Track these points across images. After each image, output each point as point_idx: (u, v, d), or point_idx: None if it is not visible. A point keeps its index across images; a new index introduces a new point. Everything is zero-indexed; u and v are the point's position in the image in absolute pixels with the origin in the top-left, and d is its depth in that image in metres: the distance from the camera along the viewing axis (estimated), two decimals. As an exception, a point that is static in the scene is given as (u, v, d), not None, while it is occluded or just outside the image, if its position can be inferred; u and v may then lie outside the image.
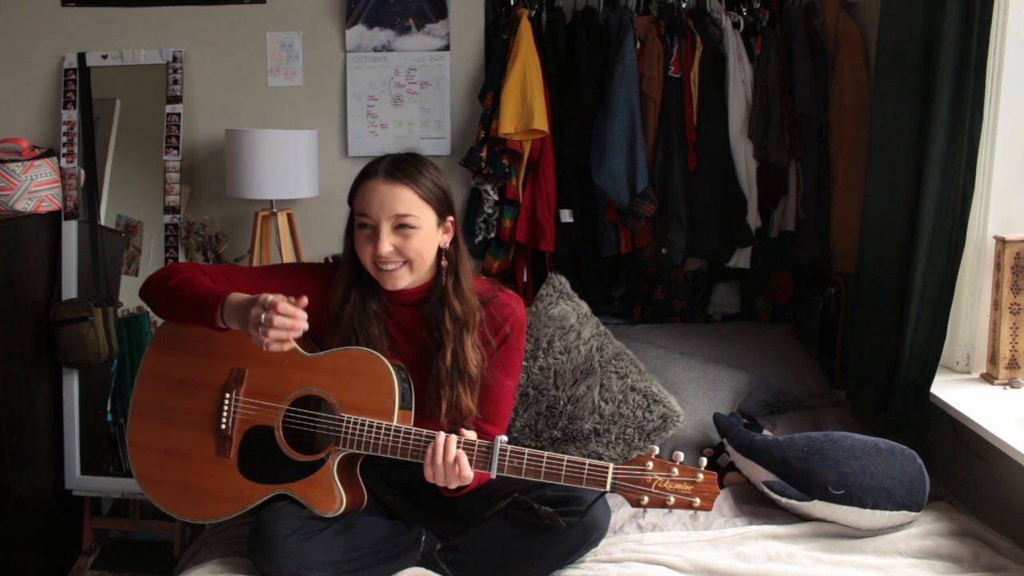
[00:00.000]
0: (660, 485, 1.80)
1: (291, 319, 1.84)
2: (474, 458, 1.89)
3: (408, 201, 1.96)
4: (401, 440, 1.92)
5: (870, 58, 2.95)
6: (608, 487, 1.83)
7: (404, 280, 2.03)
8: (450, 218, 2.06)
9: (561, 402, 2.53)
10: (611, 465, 1.83)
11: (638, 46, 2.98)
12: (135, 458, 2.08)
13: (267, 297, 1.84)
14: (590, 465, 1.84)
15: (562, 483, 1.85)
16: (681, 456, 1.83)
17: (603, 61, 3.00)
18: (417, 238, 1.99)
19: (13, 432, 2.81)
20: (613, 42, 2.98)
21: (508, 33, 3.02)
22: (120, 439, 3.16)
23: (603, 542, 2.07)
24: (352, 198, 2.04)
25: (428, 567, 2.01)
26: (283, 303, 1.84)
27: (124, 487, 3.08)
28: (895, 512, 2.13)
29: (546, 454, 1.86)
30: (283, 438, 1.99)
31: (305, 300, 1.88)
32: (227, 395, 2.02)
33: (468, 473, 1.88)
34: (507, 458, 1.87)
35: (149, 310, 3.12)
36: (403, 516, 2.14)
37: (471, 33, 3.14)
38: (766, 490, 2.28)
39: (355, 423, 1.94)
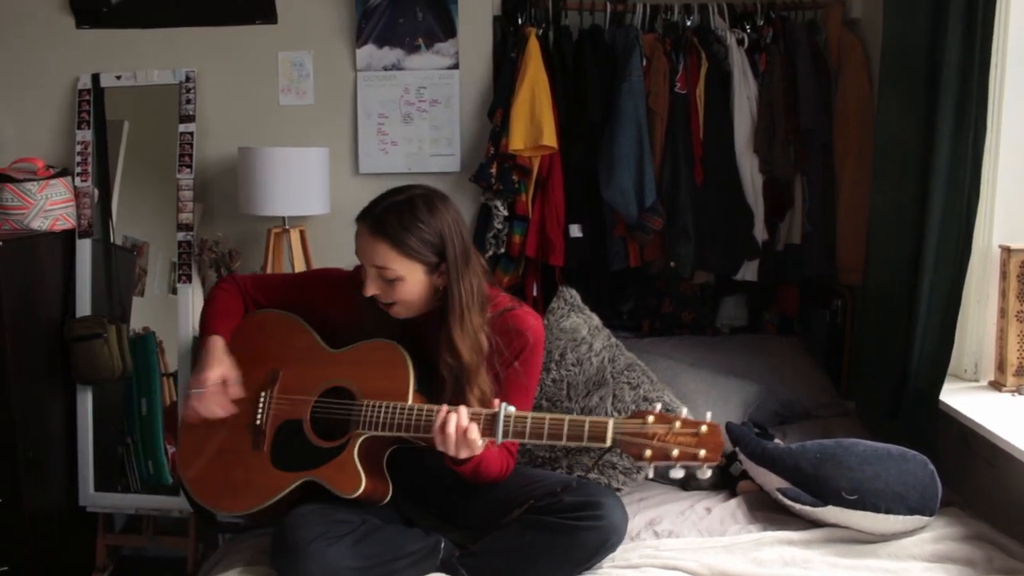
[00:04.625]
0: (662, 438, 1.79)
1: (216, 411, 2.11)
2: (480, 425, 1.92)
3: (385, 256, 2.00)
4: (415, 417, 1.98)
5: (873, 73, 3.00)
6: (609, 442, 1.83)
7: (402, 315, 2.10)
8: (443, 265, 2.04)
9: (574, 413, 2.55)
10: (611, 420, 1.85)
11: (644, 63, 3.03)
12: (183, 463, 2.20)
13: (211, 379, 2.10)
14: (591, 421, 1.86)
15: (564, 442, 1.87)
16: (685, 410, 1.83)
17: (610, 78, 3.05)
18: (400, 288, 2.03)
19: (28, 448, 2.83)
20: (620, 59, 3.03)
21: (516, 51, 3.07)
22: (128, 459, 3.18)
23: (620, 548, 2.09)
24: None
25: (448, 573, 2.03)
26: (212, 401, 2.11)
27: (138, 503, 3.09)
28: (909, 517, 2.15)
29: (548, 416, 1.90)
30: (310, 428, 2.08)
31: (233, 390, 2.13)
32: (263, 394, 2.14)
33: (477, 439, 1.90)
34: (512, 423, 1.90)
35: (155, 331, 3.19)
36: (422, 525, 2.16)
37: (480, 51, 3.18)
38: (780, 497, 2.30)
39: (373, 406, 2.01)
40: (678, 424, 1.80)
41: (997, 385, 2.56)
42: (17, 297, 2.80)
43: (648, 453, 1.80)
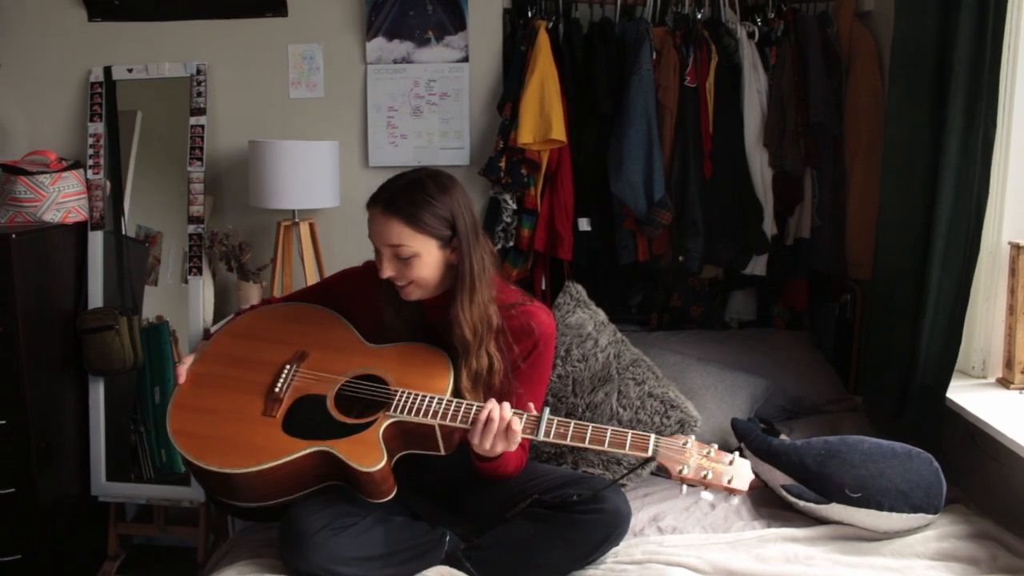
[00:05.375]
0: (698, 461, 1.85)
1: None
2: (522, 424, 1.93)
3: (400, 233, 2.01)
4: (452, 408, 1.97)
5: (884, 66, 2.98)
6: (650, 452, 1.87)
7: (415, 295, 2.10)
8: (455, 240, 2.06)
9: (580, 409, 2.56)
10: (653, 435, 1.88)
11: (654, 56, 3.02)
12: (173, 417, 2.07)
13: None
14: (633, 434, 1.89)
15: (606, 448, 1.89)
16: (716, 446, 1.88)
17: (620, 71, 3.04)
18: (416, 265, 2.04)
19: (41, 439, 2.86)
20: (629, 53, 3.02)
21: (526, 44, 3.06)
22: (141, 447, 3.21)
23: (624, 543, 2.11)
24: None
25: (453, 566, 2.06)
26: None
27: (149, 493, 3.13)
28: (912, 515, 2.16)
29: (591, 424, 1.92)
30: (334, 404, 2.05)
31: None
32: (287, 367, 2.11)
33: (518, 432, 1.92)
34: (554, 425, 1.93)
35: (168, 320, 3.21)
36: (427, 519, 2.18)
37: (489, 45, 3.18)
38: (784, 493, 2.31)
39: (408, 393, 2.00)
40: (712, 451, 1.87)
41: (1005, 382, 2.55)
42: (30, 289, 2.82)
43: (684, 471, 1.84)
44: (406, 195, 2.03)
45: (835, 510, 2.21)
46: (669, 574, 2.02)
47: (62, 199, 3.04)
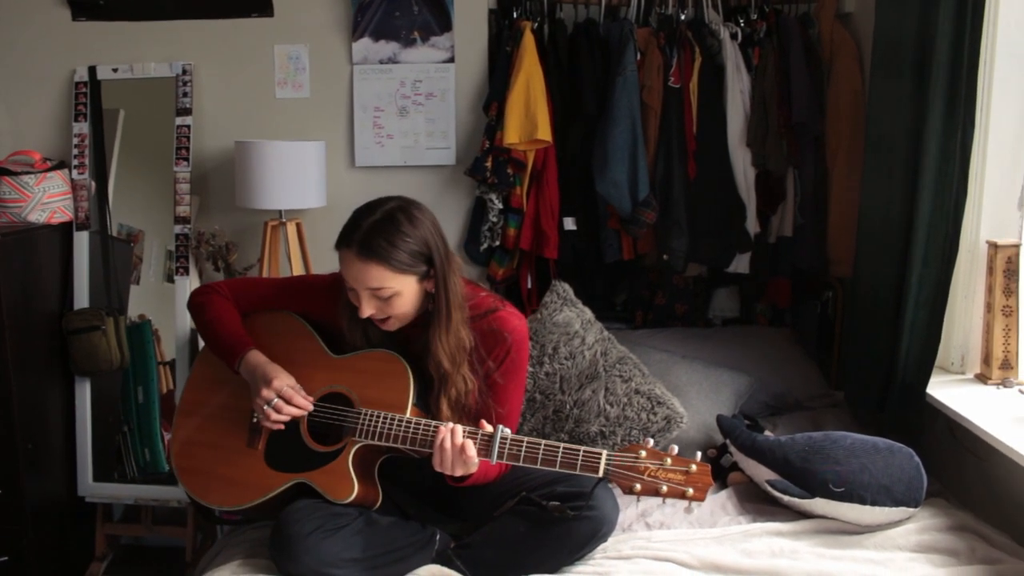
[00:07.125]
0: (653, 473, 1.86)
1: (297, 411, 2.08)
2: (476, 445, 1.97)
3: (380, 276, 2.00)
4: (411, 430, 2.01)
5: (865, 67, 3.02)
6: (601, 472, 1.90)
7: (394, 327, 2.12)
8: (432, 271, 2.06)
9: (567, 406, 2.59)
10: (604, 452, 1.91)
11: (638, 57, 3.05)
12: (176, 452, 2.23)
13: (283, 386, 2.07)
14: (584, 452, 1.92)
15: (557, 469, 1.92)
16: (676, 449, 1.89)
17: (604, 72, 3.07)
18: (396, 302, 2.05)
19: (27, 440, 2.86)
20: (614, 53, 3.04)
21: (511, 45, 3.08)
22: (124, 446, 3.21)
23: (612, 539, 2.14)
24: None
25: (443, 564, 2.08)
26: (297, 398, 2.07)
27: (136, 493, 3.13)
28: (894, 508, 2.20)
29: (543, 442, 1.94)
30: (307, 431, 2.11)
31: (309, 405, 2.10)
32: None
33: (473, 457, 1.95)
34: (507, 446, 1.96)
35: (151, 319, 3.21)
36: (417, 518, 2.20)
37: (475, 45, 3.20)
38: (769, 489, 2.34)
39: (371, 415, 2.04)
40: (669, 460, 1.87)
41: (983, 378, 2.60)
42: (15, 290, 2.82)
43: (638, 487, 1.87)
44: (381, 235, 1.99)
45: (819, 504, 2.24)
46: (657, 569, 2.05)
47: (47, 199, 3.04)
